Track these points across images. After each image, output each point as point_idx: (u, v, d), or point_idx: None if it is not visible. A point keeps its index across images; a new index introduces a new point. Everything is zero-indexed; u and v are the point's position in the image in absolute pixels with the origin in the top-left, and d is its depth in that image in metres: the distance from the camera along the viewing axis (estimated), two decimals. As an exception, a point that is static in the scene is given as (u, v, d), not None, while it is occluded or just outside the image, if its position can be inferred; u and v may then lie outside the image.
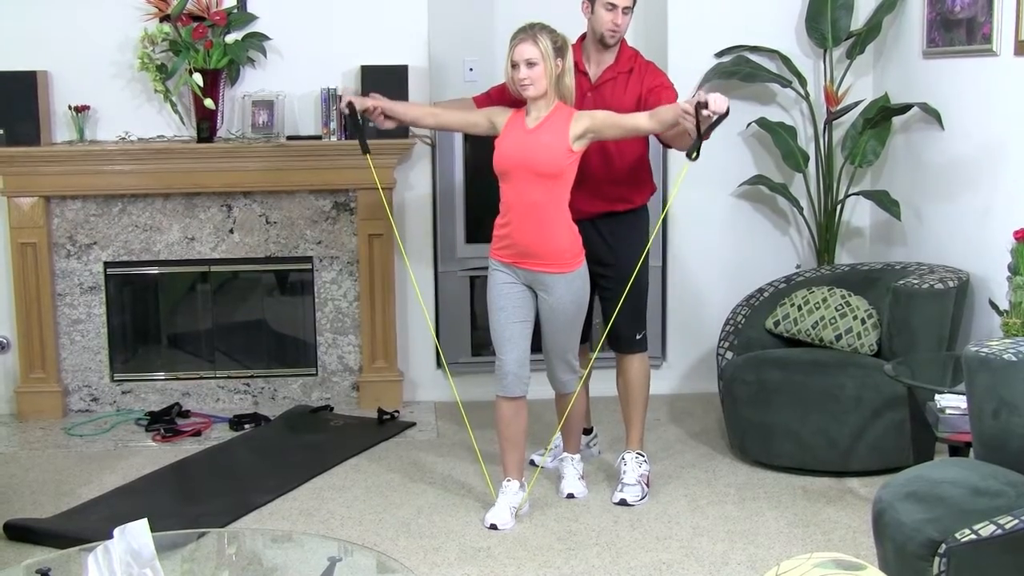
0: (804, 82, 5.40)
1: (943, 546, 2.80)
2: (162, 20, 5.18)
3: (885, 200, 5.16)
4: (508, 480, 4.18)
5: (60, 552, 3.28)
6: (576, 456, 4.42)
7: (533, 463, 4.61)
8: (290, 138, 5.29)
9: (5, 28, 5.18)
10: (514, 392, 4.12)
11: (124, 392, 5.44)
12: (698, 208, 5.55)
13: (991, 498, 2.98)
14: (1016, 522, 2.72)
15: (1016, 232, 4.13)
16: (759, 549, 3.88)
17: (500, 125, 4.07)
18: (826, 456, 4.47)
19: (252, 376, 5.50)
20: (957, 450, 3.78)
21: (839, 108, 5.32)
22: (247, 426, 5.20)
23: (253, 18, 5.28)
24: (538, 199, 3.96)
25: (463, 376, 5.28)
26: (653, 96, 4.16)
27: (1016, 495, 2.99)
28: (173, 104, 5.25)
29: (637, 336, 4.39)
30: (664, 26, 5.50)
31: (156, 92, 5.21)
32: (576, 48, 4.23)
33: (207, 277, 5.47)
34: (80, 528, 3.91)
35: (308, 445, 4.94)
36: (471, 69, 5.66)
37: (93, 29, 5.20)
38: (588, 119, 3.96)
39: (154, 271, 5.42)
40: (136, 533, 2.64)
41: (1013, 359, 3.20)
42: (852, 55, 5.37)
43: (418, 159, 5.44)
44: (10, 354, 5.40)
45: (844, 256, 5.61)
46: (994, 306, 4.33)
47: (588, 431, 4.75)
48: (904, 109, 5.09)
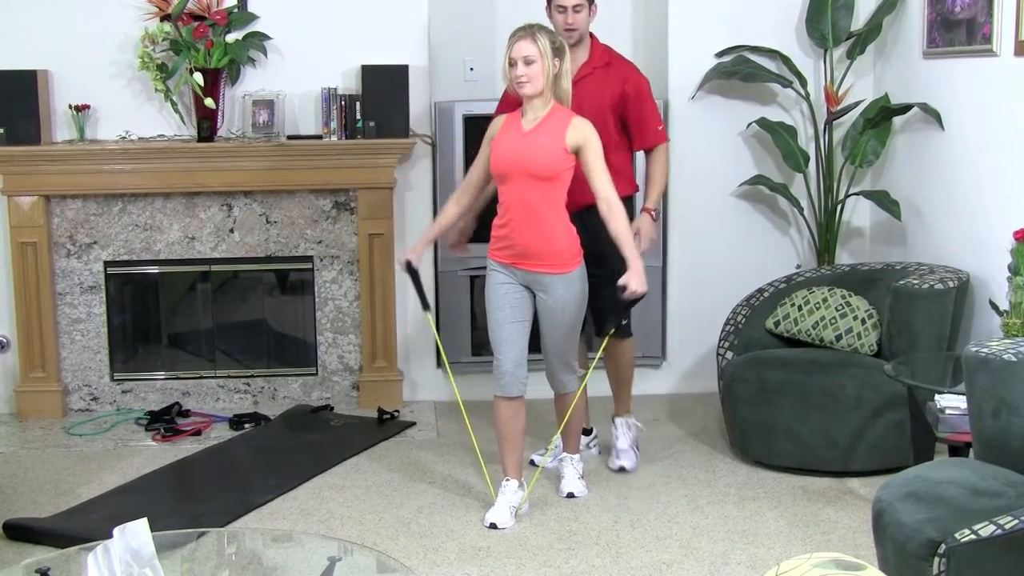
0: (804, 82, 5.39)
1: (943, 546, 2.80)
2: (163, 19, 5.19)
3: (885, 200, 5.17)
4: (507, 480, 4.19)
5: (60, 552, 3.28)
6: (576, 456, 4.42)
7: (533, 463, 4.61)
8: (290, 137, 5.29)
9: (5, 27, 5.18)
10: (512, 392, 4.12)
11: (124, 391, 5.44)
12: (698, 208, 5.56)
13: (991, 498, 2.98)
14: (1016, 522, 2.72)
15: (1016, 232, 4.12)
16: (759, 549, 3.88)
17: (495, 133, 4.08)
18: (826, 456, 4.47)
19: (252, 376, 5.50)
20: (957, 450, 3.79)
21: (839, 108, 5.32)
22: (247, 426, 5.20)
23: (254, 17, 5.28)
24: (536, 201, 3.97)
25: (463, 376, 5.28)
26: (636, 116, 4.40)
27: (1016, 495, 2.99)
28: (173, 103, 5.25)
29: (623, 322, 4.48)
30: (664, 26, 5.50)
31: (156, 91, 5.21)
32: None
33: (207, 276, 5.47)
34: (80, 527, 3.91)
35: (308, 445, 4.94)
36: (471, 69, 5.66)
37: (93, 28, 5.20)
38: (582, 141, 3.96)
39: (154, 270, 5.42)
40: (136, 532, 2.64)
41: (1013, 359, 3.20)
42: (852, 55, 5.36)
43: (418, 159, 5.44)
44: (10, 353, 5.40)
45: (844, 256, 5.61)
46: (994, 306, 4.33)
47: (588, 431, 4.76)
48: (904, 109, 5.09)
